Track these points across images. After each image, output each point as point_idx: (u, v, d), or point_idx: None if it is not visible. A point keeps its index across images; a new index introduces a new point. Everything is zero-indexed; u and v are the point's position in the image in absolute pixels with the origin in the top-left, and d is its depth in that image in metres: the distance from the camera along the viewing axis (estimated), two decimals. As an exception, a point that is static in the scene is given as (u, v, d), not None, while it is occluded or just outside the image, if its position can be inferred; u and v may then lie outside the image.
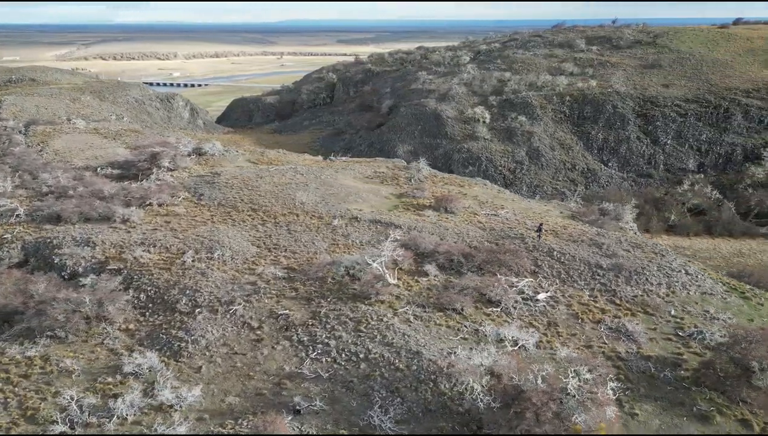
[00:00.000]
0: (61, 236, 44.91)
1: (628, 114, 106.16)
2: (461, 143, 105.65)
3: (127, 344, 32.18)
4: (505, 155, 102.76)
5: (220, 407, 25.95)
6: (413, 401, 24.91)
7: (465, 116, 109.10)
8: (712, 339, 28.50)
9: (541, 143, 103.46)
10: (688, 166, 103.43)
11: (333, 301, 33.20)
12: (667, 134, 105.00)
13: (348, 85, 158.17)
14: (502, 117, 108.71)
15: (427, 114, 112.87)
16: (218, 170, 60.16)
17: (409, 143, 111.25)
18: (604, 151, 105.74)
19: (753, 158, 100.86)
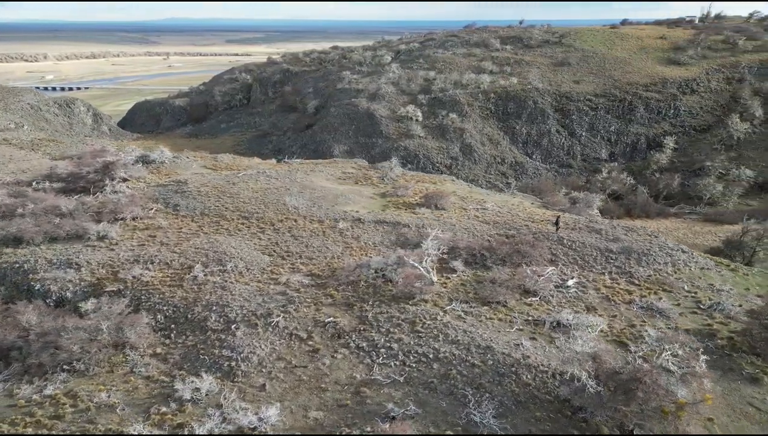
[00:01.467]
0: (31, 259, 40.39)
1: (548, 109, 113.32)
2: (398, 142, 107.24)
3: (163, 370, 29.87)
4: (440, 152, 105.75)
5: (307, 424, 25.01)
6: (502, 395, 25.56)
7: (398, 115, 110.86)
8: (731, 310, 31.85)
9: (473, 139, 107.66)
10: (601, 156, 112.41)
11: (375, 304, 32.93)
12: (582, 127, 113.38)
13: (266, 85, 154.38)
14: (433, 115, 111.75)
15: (360, 113, 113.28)
16: (180, 179, 56.72)
17: (345, 143, 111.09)
18: (528, 145, 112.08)
19: (655, 146, 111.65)
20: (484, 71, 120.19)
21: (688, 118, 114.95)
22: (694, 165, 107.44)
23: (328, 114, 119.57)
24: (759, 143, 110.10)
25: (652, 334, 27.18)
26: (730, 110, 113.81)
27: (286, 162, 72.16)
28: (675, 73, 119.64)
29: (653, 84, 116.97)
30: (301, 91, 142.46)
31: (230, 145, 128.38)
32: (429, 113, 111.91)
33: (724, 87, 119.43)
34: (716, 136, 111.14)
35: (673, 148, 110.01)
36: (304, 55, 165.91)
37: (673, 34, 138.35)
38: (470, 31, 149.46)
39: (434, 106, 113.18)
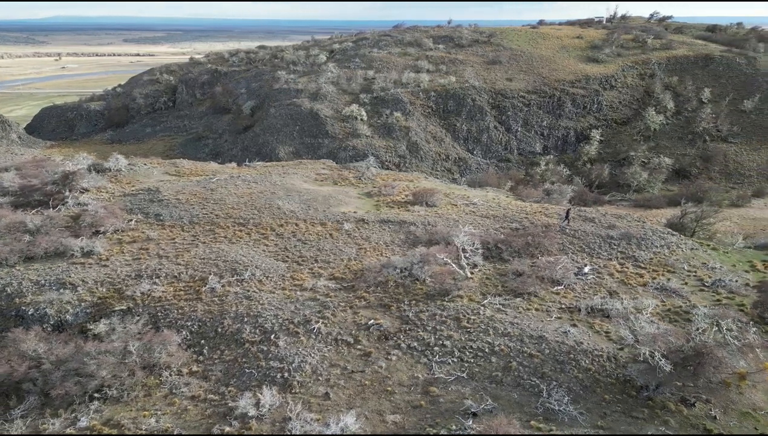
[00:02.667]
0: (13, 281, 36.71)
1: (485, 106, 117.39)
2: (345, 141, 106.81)
3: (208, 388, 28.32)
4: (388, 150, 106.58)
5: (389, 429, 24.72)
6: (567, 382, 26.59)
7: (342, 115, 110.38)
8: (732, 285, 34.97)
9: (418, 137, 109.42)
10: (535, 150, 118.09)
11: (412, 303, 32.97)
12: (517, 123, 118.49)
13: (192, 87, 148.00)
14: (377, 114, 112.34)
15: (304, 114, 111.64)
16: (149, 187, 53.43)
17: (289, 144, 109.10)
18: (469, 141, 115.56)
19: (583, 139, 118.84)
20: (422, 70, 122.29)
21: (609, 112, 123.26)
22: (619, 155, 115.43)
23: (267, 115, 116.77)
24: (672, 133, 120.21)
25: (703, 310, 29.40)
26: (646, 104, 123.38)
27: (248, 165, 69.93)
28: (595, 70, 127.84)
29: (578, 81, 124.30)
30: (234, 92, 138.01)
31: (161, 150, 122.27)
32: (373, 112, 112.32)
33: (639, 82, 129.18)
34: (635, 128, 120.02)
35: (600, 141, 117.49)
36: (230, 55, 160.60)
37: (588, 34, 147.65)
38: (402, 30, 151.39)
39: (377, 105, 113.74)
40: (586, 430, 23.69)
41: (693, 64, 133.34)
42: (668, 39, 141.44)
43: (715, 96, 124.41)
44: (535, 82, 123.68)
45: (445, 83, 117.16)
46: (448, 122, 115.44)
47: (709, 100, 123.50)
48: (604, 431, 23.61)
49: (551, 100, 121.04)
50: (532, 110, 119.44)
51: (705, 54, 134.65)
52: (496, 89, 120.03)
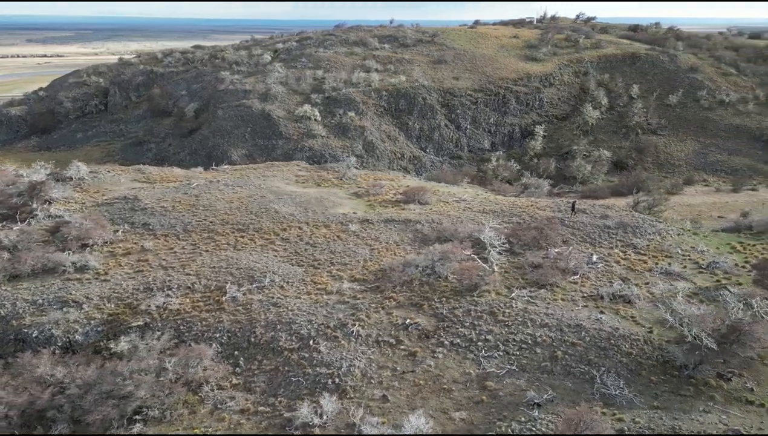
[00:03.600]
0: (6, 303, 33.72)
1: (435, 105, 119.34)
2: (300, 142, 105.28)
3: (255, 400, 27.37)
4: (345, 150, 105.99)
5: (459, 426, 24.87)
6: (614, 367, 27.75)
7: (296, 115, 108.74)
8: (724, 266, 37.73)
9: (373, 136, 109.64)
10: (484, 146, 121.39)
11: (443, 300, 33.22)
12: (466, 120, 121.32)
13: (126, 89, 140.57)
14: (331, 114, 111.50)
15: (255, 115, 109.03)
16: (125, 195, 50.48)
17: (242, 147, 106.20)
18: (422, 140, 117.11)
19: (527, 135, 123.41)
20: (371, 70, 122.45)
21: (550, 108, 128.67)
22: (562, 149, 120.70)
23: (215, 117, 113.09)
24: (608, 127, 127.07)
25: (733, 291, 31.41)
26: (582, 100, 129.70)
27: (215, 169, 67.57)
28: (535, 69, 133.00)
29: (520, 79, 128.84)
30: (173, 94, 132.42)
31: (99, 157, 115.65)
32: (326, 112, 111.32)
33: (574, 80, 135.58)
34: (575, 123, 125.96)
35: (543, 136, 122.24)
36: (163, 56, 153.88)
37: (524, 34, 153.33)
38: (346, 30, 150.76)
39: (330, 105, 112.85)
40: (644, 411, 24.89)
41: (621, 62, 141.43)
42: (597, 39, 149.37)
43: (643, 92, 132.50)
44: (480, 80, 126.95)
45: (396, 83, 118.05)
46: (400, 121, 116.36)
47: (638, 96, 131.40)
48: (661, 412, 24.89)
49: (496, 98, 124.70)
50: (480, 108, 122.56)
51: (632, 52, 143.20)
52: (445, 88, 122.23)
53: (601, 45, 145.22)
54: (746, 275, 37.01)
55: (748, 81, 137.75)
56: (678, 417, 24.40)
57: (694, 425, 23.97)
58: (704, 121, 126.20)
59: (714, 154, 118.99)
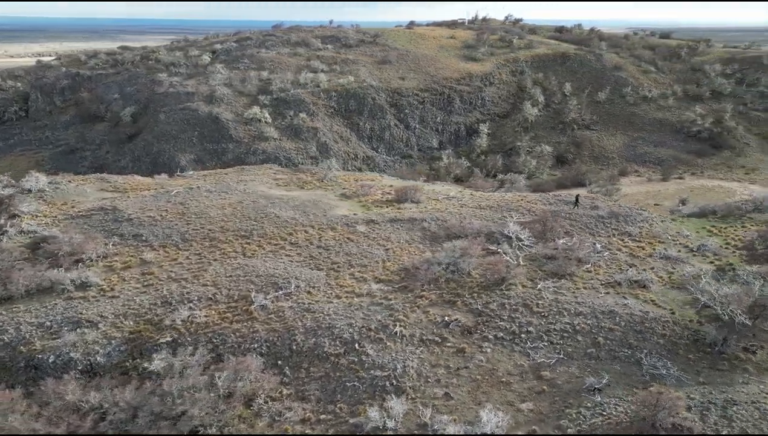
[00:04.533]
0: (7, 328, 30.76)
1: (384, 105, 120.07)
2: (252, 145, 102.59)
3: (313, 409, 26.60)
4: (299, 152, 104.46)
5: (527, 417, 25.33)
6: (653, 347, 29.25)
7: (245, 118, 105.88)
8: (712, 248, 40.68)
9: (326, 138, 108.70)
10: (433, 145, 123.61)
11: (474, 296, 33.62)
12: (414, 120, 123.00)
13: (50, 93, 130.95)
14: (281, 116, 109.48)
15: (202, 118, 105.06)
16: (102, 206, 47.28)
17: (190, 152, 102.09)
18: (373, 140, 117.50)
19: (472, 132, 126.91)
20: (317, 70, 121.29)
21: (492, 106, 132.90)
22: (506, 146, 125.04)
23: (157, 121, 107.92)
24: (546, 124, 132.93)
25: (749, 269, 33.80)
26: (521, 98, 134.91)
27: (181, 175, 64.62)
28: (476, 69, 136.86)
29: (463, 78, 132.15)
30: (105, 98, 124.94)
31: (26, 167, 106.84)
32: (276, 114, 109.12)
33: (512, 79, 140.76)
34: (515, 121, 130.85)
35: (487, 134, 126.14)
36: (87, 57, 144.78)
37: (460, 35, 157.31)
38: (286, 30, 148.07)
39: (279, 106, 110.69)
40: (694, 387, 26.49)
41: (553, 62, 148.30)
42: (529, 39, 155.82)
43: (575, 89, 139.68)
44: (425, 80, 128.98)
45: (345, 83, 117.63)
46: (351, 122, 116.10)
47: (570, 93, 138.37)
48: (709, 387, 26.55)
49: (442, 98, 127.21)
50: (427, 108, 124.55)
51: (562, 52, 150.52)
52: (392, 88, 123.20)
53: (533, 45, 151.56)
54: (732, 255, 40.15)
55: (665, 78, 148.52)
56: (725, 390, 26.16)
57: (741, 396, 25.77)
58: (631, 116, 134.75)
59: (642, 146, 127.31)
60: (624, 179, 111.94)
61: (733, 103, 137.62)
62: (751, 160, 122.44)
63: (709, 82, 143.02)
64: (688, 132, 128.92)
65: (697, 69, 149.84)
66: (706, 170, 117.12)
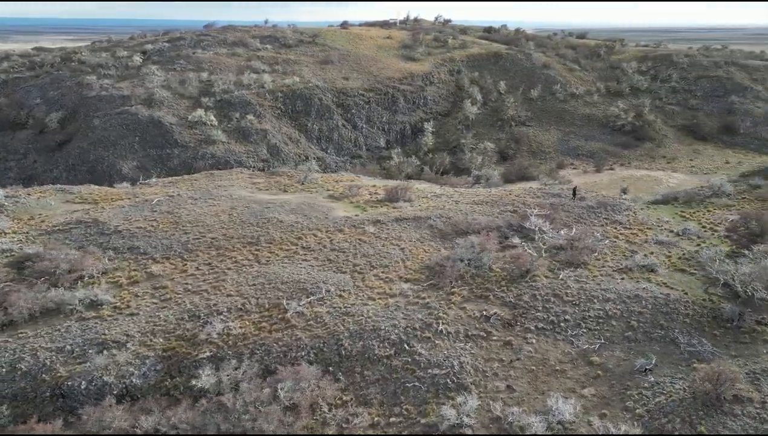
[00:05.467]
0: (24, 357, 27.92)
1: (331, 105, 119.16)
2: (199, 149, 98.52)
3: (379, 413, 26.18)
4: (250, 155, 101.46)
5: (596, 402, 26.19)
6: (682, 327, 31.06)
7: (189, 121, 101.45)
8: (693, 232, 43.79)
9: (276, 139, 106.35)
10: (380, 145, 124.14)
11: (503, 290, 34.22)
12: (361, 120, 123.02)
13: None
14: (227, 118, 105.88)
15: (143, 123, 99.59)
16: (80, 219, 43.81)
17: (132, 158, 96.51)
18: (322, 141, 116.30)
19: (417, 131, 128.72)
20: (259, 71, 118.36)
21: (434, 105, 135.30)
22: (450, 144, 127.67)
23: (91, 127, 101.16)
24: (486, 121, 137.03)
25: (756, 249, 36.48)
26: (460, 97, 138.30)
27: (144, 184, 61.13)
28: (416, 68, 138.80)
29: (405, 78, 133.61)
30: (25, 103, 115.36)
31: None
32: (222, 116, 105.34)
33: (450, 78, 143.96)
34: (457, 119, 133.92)
35: (432, 132, 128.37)
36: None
37: (396, 35, 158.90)
38: (221, 30, 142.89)
39: (224, 108, 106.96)
40: (729, 361, 28.49)
41: (487, 61, 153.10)
42: (462, 39, 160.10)
43: (509, 87, 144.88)
44: (369, 80, 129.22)
45: (290, 83, 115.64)
46: (299, 123, 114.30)
47: (506, 92, 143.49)
48: (741, 360, 28.64)
49: (386, 97, 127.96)
50: (372, 107, 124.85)
51: (494, 52, 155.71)
52: (338, 88, 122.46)
53: (467, 45, 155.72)
54: (712, 236, 43.49)
55: (589, 75, 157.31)
56: (757, 361, 28.34)
57: (771, 365, 28.04)
58: (562, 112, 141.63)
59: (574, 140, 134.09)
60: (562, 172, 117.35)
61: (650, 98, 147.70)
62: (670, 150, 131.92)
63: (627, 79, 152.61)
64: (614, 126, 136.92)
65: (615, 67, 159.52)
66: (633, 161, 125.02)
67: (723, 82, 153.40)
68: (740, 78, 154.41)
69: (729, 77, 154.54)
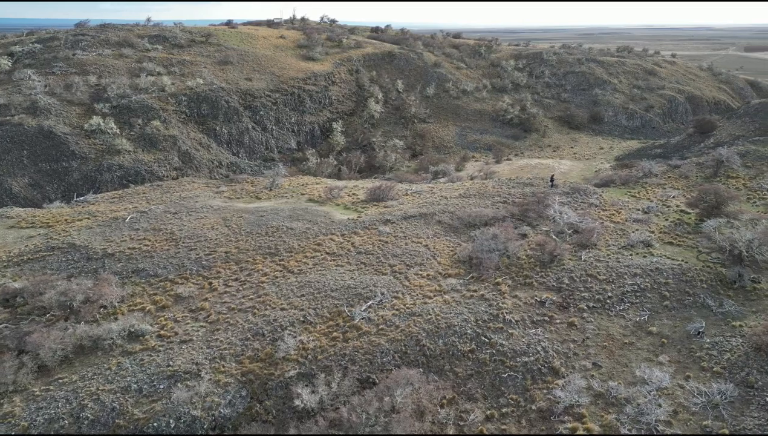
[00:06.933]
0: (85, 402, 24.00)
1: (239, 107, 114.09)
2: (102, 160, 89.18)
3: (488, 406, 26.29)
4: (161, 164, 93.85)
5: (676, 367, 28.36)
6: (703, 291, 34.50)
7: (86, 130, 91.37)
8: (654, 209, 48.81)
9: (187, 146, 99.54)
10: (291, 146, 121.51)
11: (541, 275, 35.57)
12: (270, 121, 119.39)
13: None
14: (129, 125, 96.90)
15: (31, 134, 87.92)
16: (52, 245, 38.02)
17: (22, 175, 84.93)
18: (232, 145, 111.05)
19: (326, 131, 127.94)
20: (154, 73, 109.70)
21: (339, 105, 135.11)
22: (360, 142, 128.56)
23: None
24: (389, 119, 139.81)
25: (744, 218, 41.09)
26: (363, 96, 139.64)
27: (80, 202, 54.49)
28: (317, 68, 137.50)
29: (308, 78, 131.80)
30: None
31: None
32: (122, 123, 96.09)
33: (350, 78, 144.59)
34: (362, 118, 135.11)
35: (341, 131, 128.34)
36: None
37: (290, 35, 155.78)
38: (100, 29, 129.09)
39: (124, 114, 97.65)
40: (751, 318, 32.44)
41: (382, 60, 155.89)
42: (356, 39, 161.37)
43: (407, 86, 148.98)
44: (272, 81, 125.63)
45: (193, 86, 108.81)
46: (207, 127, 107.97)
47: (404, 90, 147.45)
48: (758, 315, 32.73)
49: (293, 98, 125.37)
50: (280, 108, 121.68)
51: (388, 51, 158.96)
52: (242, 90, 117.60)
53: (361, 45, 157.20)
54: (677, 210, 48.86)
55: (474, 73, 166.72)
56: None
57: (785, 316, 32.43)
58: (456, 108, 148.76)
59: (470, 135, 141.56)
60: (467, 164, 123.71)
61: (530, 92, 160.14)
62: (553, 139, 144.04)
63: (508, 76, 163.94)
64: (503, 120, 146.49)
65: (496, 65, 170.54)
66: (525, 151, 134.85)
67: (587, 77, 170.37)
68: (599, 73, 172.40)
69: (591, 72, 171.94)
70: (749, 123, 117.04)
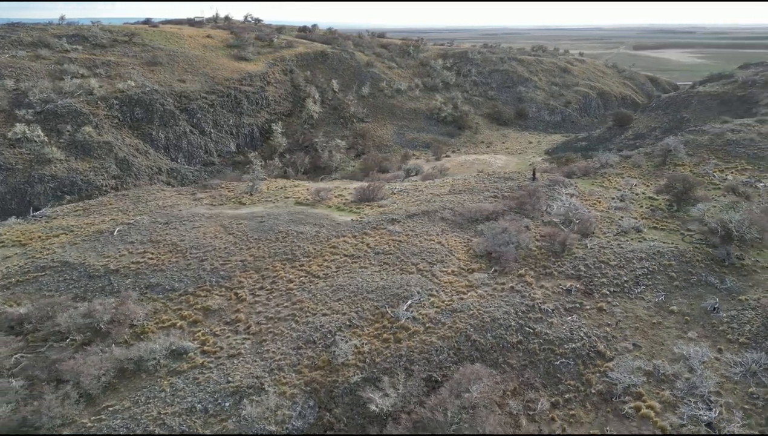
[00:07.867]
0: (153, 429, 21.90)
1: (175, 111, 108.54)
2: (32, 171, 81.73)
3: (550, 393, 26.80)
4: (98, 173, 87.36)
5: (702, 337, 30.21)
6: (703, 270, 36.92)
7: (10, 139, 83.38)
8: (628, 196, 51.77)
9: (123, 152, 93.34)
10: (231, 149, 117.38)
11: (557, 264, 36.67)
12: (208, 124, 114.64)
13: None
14: (57, 132, 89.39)
15: (-53, 144, 79.23)
16: (42, 265, 34.38)
17: (-59, 189, 76.53)
18: (170, 150, 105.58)
19: (266, 133, 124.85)
20: (79, 75, 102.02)
21: (276, 106, 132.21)
22: (302, 143, 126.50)
23: None
24: (329, 120, 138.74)
25: (724, 200, 43.98)
26: (300, 97, 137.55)
27: (38, 217, 49.82)
28: (251, 68, 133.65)
29: (244, 78, 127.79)
30: None
31: None
32: (50, 131, 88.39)
33: (285, 78, 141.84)
34: (301, 118, 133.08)
35: (282, 133, 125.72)
36: None
37: (218, 34, 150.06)
38: (9, 28, 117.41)
39: (50, 121, 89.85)
40: (749, 293, 35.24)
41: (315, 60, 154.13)
42: (286, 39, 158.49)
43: (342, 86, 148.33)
44: (206, 82, 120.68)
45: (124, 88, 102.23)
46: (142, 132, 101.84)
47: (339, 90, 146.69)
48: (754, 288, 35.60)
49: (229, 100, 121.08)
50: (218, 110, 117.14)
51: (321, 51, 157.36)
52: (177, 92, 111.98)
53: (293, 45, 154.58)
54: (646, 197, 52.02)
55: (405, 72, 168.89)
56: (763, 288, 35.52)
57: (778, 287, 35.51)
58: (392, 107, 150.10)
59: (408, 133, 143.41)
60: (410, 161, 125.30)
61: (460, 91, 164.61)
62: (485, 136, 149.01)
63: (437, 75, 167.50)
64: (438, 118, 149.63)
65: (425, 64, 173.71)
66: (461, 147, 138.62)
67: (510, 75, 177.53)
68: (521, 71, 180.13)
69: (513, 70, 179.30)
70: (662, 115, 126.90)
